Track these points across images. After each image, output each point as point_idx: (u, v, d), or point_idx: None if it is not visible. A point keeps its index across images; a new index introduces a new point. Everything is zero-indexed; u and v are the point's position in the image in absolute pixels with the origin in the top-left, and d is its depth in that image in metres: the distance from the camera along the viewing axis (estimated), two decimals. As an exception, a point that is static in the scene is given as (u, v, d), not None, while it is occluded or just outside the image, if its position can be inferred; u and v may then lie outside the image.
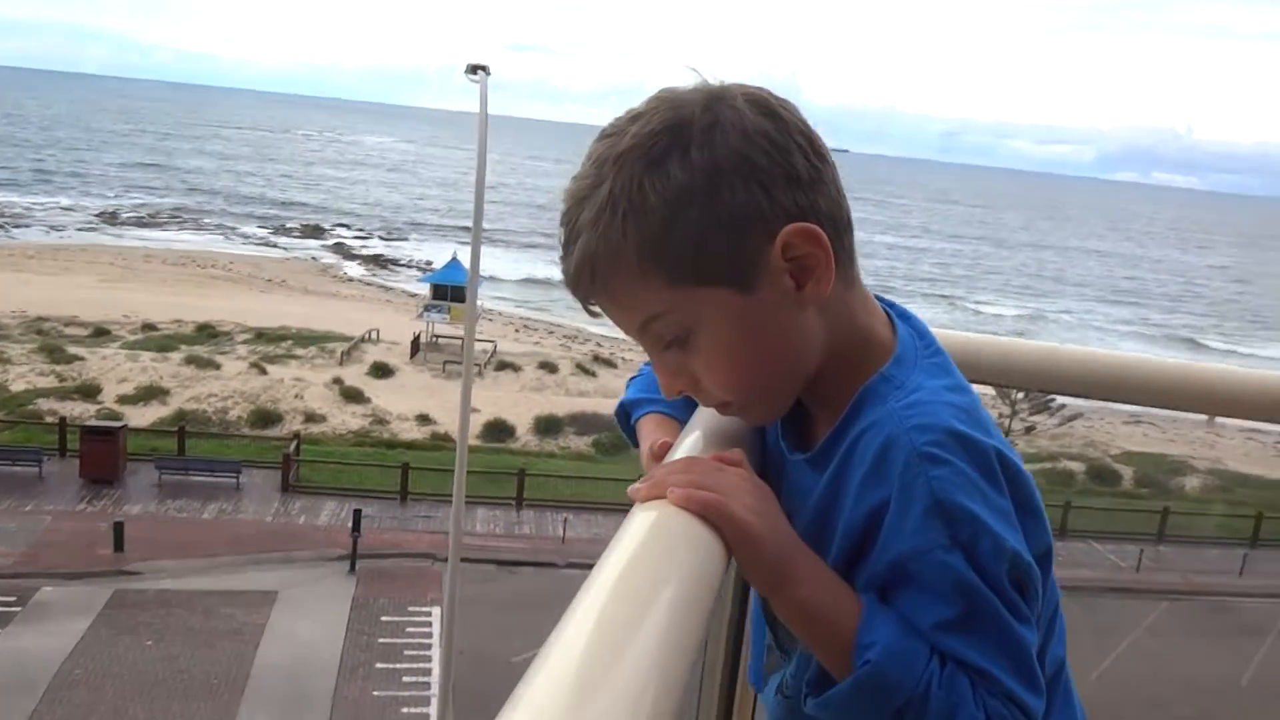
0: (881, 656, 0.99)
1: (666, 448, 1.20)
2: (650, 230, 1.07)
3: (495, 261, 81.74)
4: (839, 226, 1.14)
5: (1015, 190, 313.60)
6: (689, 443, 1.19)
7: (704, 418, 1.26)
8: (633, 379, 1.52)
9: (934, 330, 1.25)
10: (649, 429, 1.38)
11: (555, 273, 1.21)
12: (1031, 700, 1.01)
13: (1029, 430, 39.69)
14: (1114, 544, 32.48)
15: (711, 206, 1.07)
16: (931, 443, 1.04)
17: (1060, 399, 40.49)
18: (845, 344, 1.17)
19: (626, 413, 1.47)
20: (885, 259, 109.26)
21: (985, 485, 1.04)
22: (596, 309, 1.15)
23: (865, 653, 1.00)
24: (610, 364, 49.88)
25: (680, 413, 1.36)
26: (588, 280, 1.12)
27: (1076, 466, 40.57)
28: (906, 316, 1.23)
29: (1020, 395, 40.32)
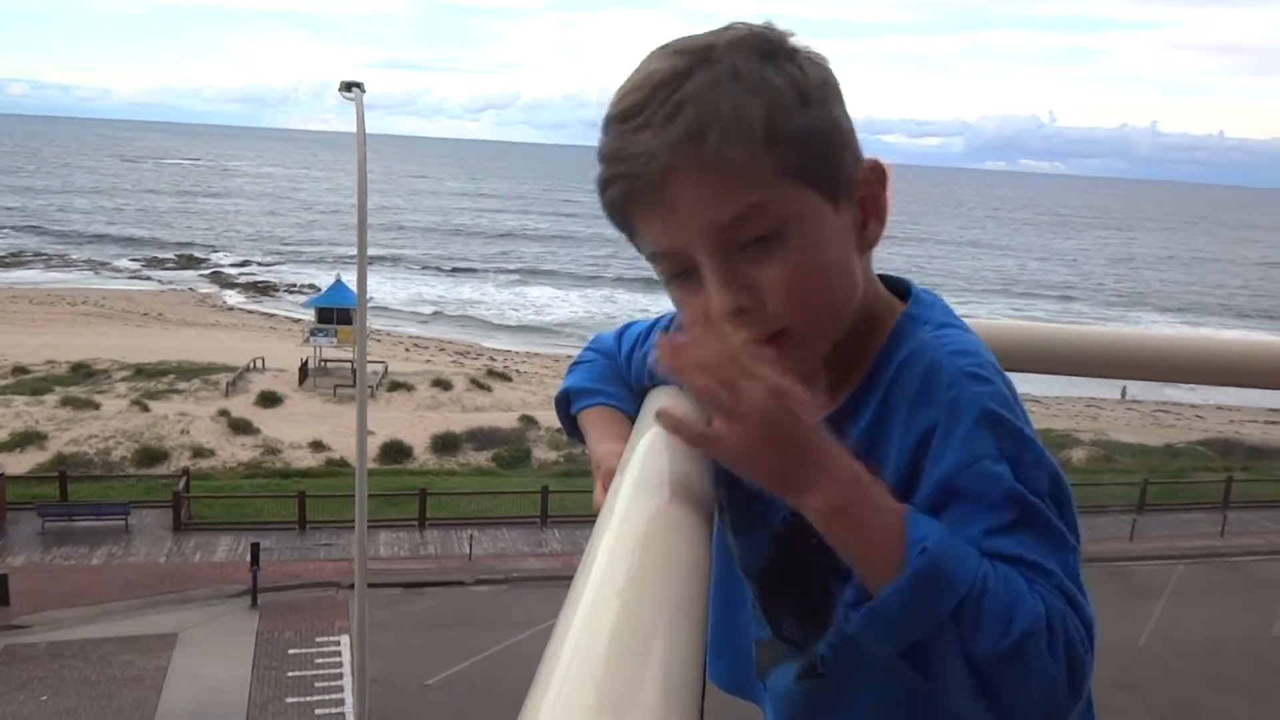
0: (937, 547, 0.94)
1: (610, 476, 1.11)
2: (776, 108, 1.05)
3: (387, 283, 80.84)
4: None
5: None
6: (644, 443, 1.13)
7: (657, 413, 1.09)
8: (574, 365, 1.45)
9: None
10: (598, 426, 1.33)
11: (445, 292, 1.12)
12: (1089, 608, 0.99)
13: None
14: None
15: (824, 110, 1.08)
16: (974, 364, 1.07)
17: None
18: (868, 299, 1.17)
19: (568, 400, 1.40)
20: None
21: (1020, 408, 1.07)
22: (671, 193, 1.05)
23: (920, 543, 0.94)
24: (505, 377, 49.57)
25: (627, 406, 1.34)
26: (693, 147, 1.03)
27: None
28: (910, 285, 1.24)
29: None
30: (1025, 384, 1.24)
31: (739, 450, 0.97)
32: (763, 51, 1.07)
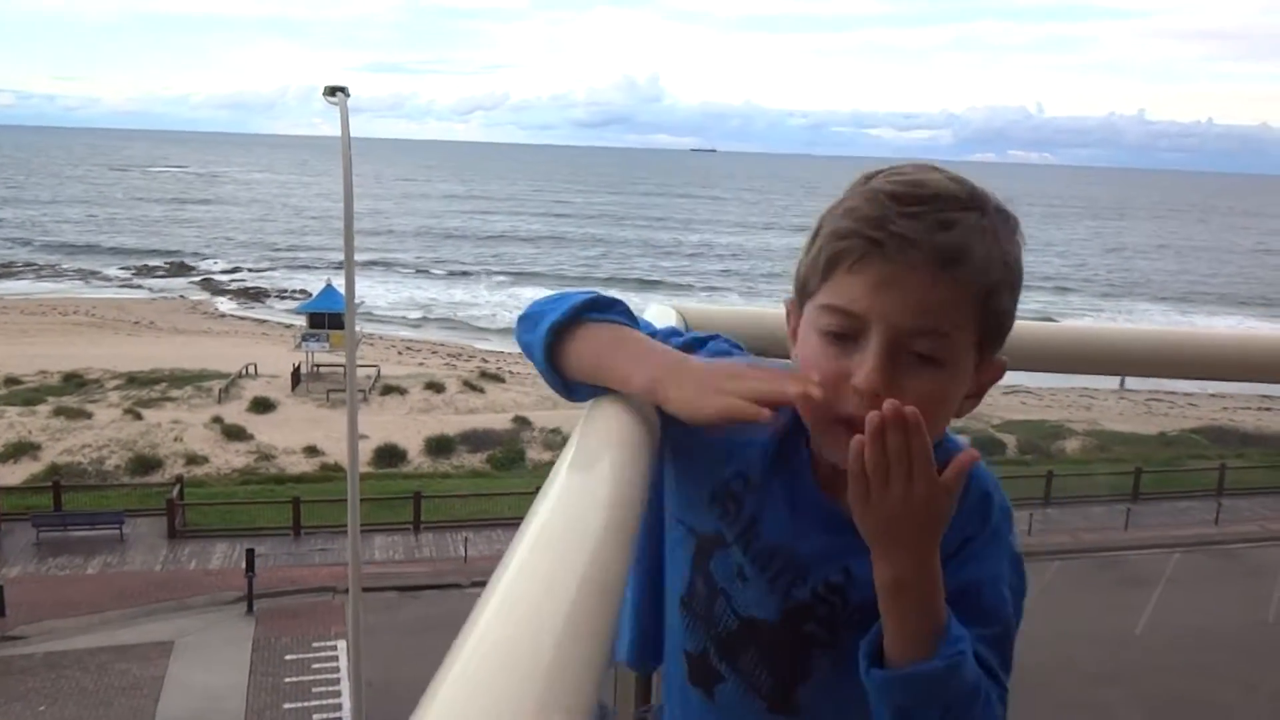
0: (968, 651, 1.16)
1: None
2: (1003, 281, 1.21)
3: (379, 286, 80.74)
4: None
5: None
6: (597, 425, 1.19)
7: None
8: (538, 312, 1.35)
9: None
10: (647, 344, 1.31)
11: (437, 295, 1.14)
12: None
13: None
14: (1003, 511, 33.34)
15: (1015, 299, 1.25)
16: (1006, 504, 1.32)
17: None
18: None
19: (537, 321, 1.32)
20: (772, 258, 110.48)
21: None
22: (897, 276, 1.16)
23: (958, 644, 1.15)
24: (498, 379, 49.52)
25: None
26: (943, 261, 1.16)
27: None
28: None
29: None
30: (1017, 376, 1.46)
31: (888, 509, 1.12)
32: (1012, 228, 1.24)
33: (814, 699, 1.34)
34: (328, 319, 46.05)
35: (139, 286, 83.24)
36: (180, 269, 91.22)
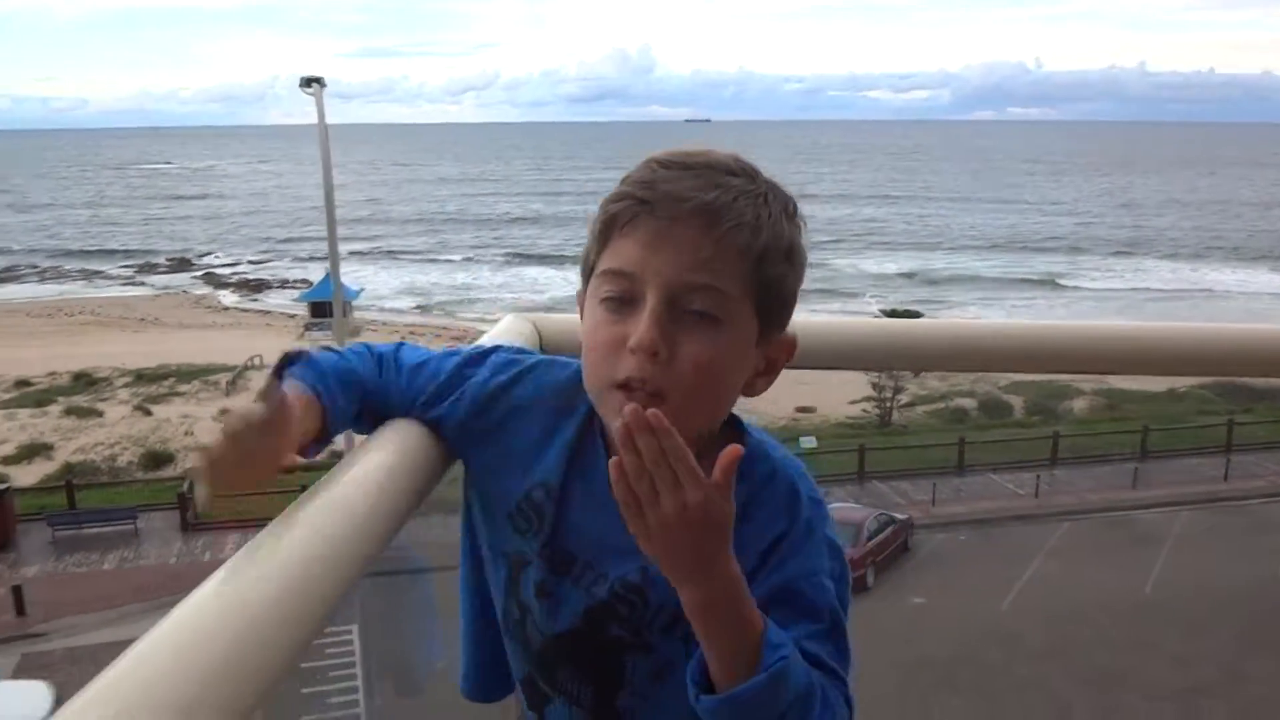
0: (790, 655, 1.13)
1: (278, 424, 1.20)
2: (775, 247, 1.23)
3: (381, 273, 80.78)
4: None
5: (883, 140, 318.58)
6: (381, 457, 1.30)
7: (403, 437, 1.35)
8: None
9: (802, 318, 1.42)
10: (292, 397, 1.26)
11: (440, 279, 1.26)
12: (852, 703, 1.24)
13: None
14: (1010, 473, 33.45)
15: (797, 277, 1.28)
16: (815, 493, 1.32)
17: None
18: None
19: (287, 363, 1.36)
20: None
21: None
22: (667, 233, 1.20)
23: (779, 651, 1.13)
24: (502, 361, 49.52)
25: (336, 406, 1.35)
26: (713, 217, 1.19)
27: (968, 403, 41.67)
28: None
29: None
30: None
31: (665, 527, 1.08)
32: (787, 206, 1.27)
33: (635, 707, 1.34)
34: (329, 307, 46.09)
35: (142, 284, 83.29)
36: (182, 264, 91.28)
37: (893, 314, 44.26)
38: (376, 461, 1.26)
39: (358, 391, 1.38)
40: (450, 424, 1.38)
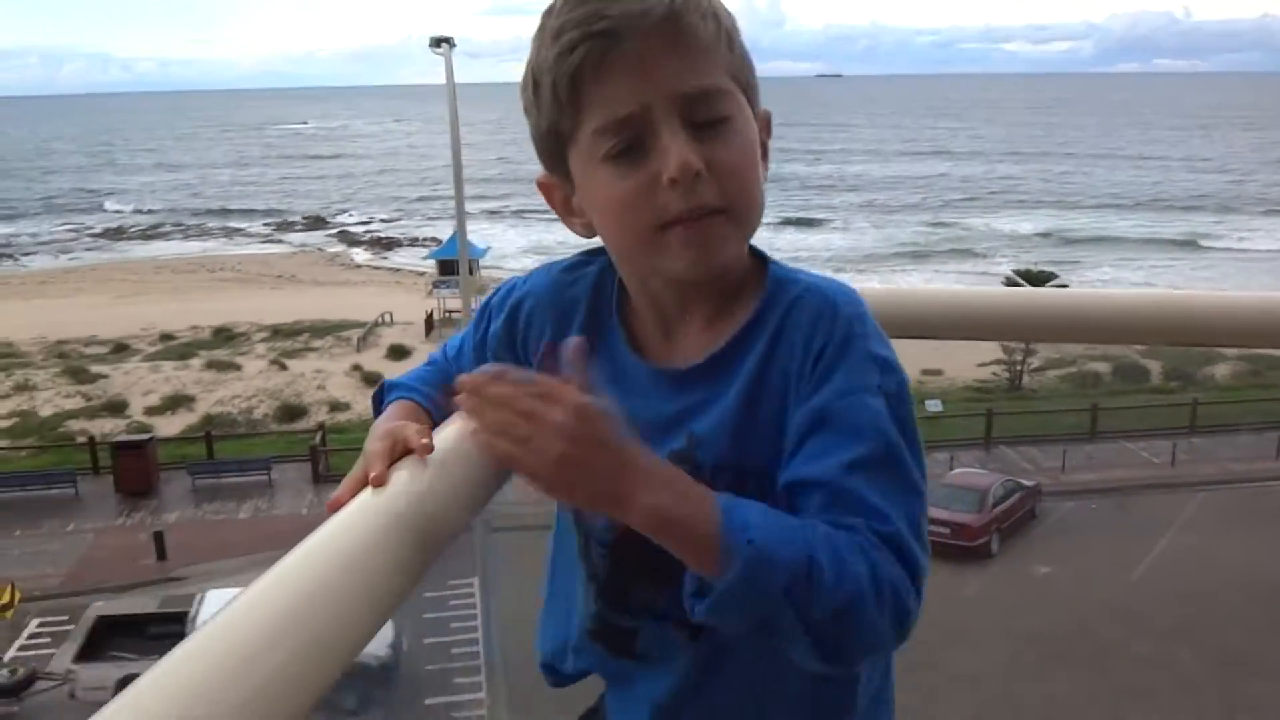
0: (762, 537, 1.00)
1: (391, 451, 1.15)
2: (729, 23, 1.18)
3: (510, 231, 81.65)
4: None
5: (1021, 94, 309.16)
6: (450, 431, 1.21)
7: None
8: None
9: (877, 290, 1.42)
10: (391, 414, 1.31)
11: (567, 237, 1.26)
12: (920, 556, 1.07)
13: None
14: (1145, 441, 32.38)
15: (743, 44, 1.21)
16: (859, 307, 1.18)
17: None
18: None
19: (382, 395, 1.40)
20: (899, 186, 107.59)
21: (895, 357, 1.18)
22: (647, 55, 1.11)
23: (745, 533, 1.00)
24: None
25: (437, 409, 1.33)
26: (674, 18, 1.12)
27: (1102, 367, 40.38)
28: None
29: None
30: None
31: (547, 470, 1.00)
32: None
33: None
34: (457, 265, 46.81)
35: (279, 241, 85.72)
36: (317, 223, 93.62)
37: (1025, 275, 43.05)
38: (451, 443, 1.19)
39: (446, 387, 1.33)
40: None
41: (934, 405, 32.58)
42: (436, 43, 18.53)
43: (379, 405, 1.37)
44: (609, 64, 1.11)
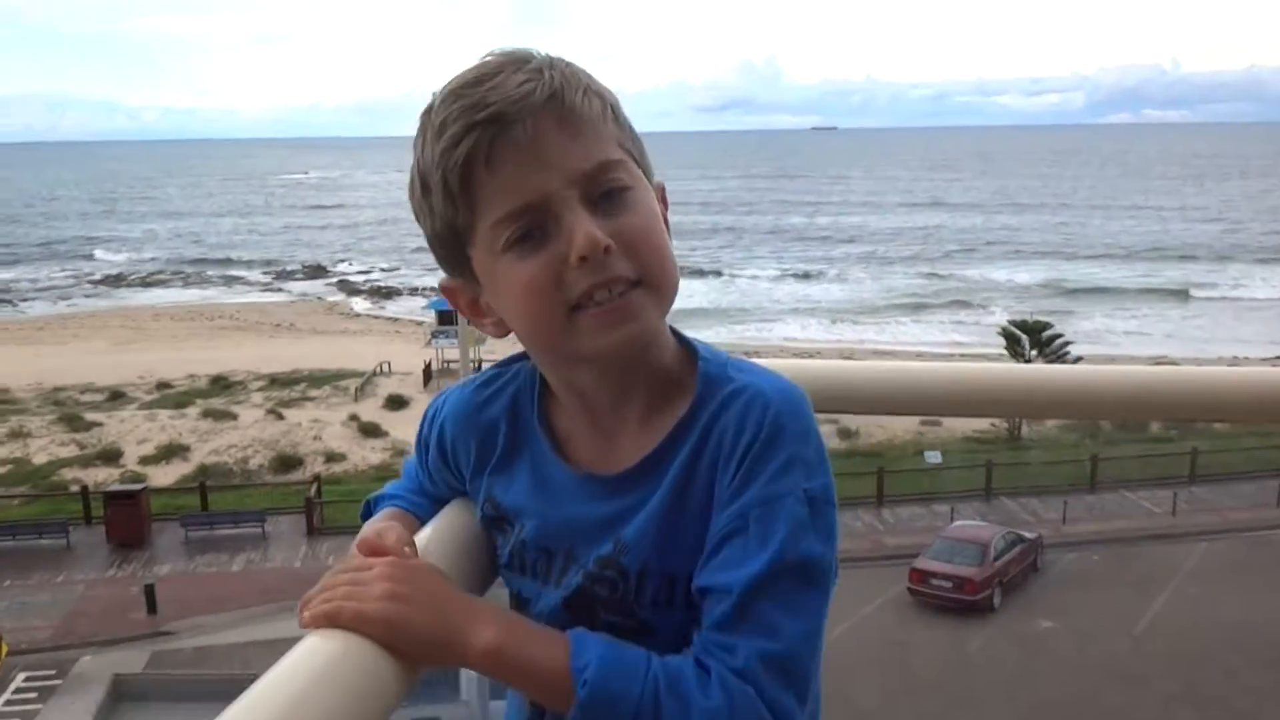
0: (597, 673, 1.00)
1: (372, 546, 1.12)
2: (603, 90, 1.15)
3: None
4: None
5: (1014, 146, 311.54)
6: (423, 536, 1.22)
7: (442, 519, 1.28)
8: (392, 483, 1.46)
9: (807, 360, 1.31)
10: (373, 521, 1.30)
11: None
12: (789, 685, 1.02)
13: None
14: (1146, 490, 32.22)
15: (627, 117, 1.18)
16: (792, 404, 1.12)
17: (1073, 352, 40.26)
18: (665, 342, 1.20)
19: (370, 510, 1.39)
20: (897, 238, 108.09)
21: (822, 443, 1.12)
22: (539, 140, 1.08)
23: (582, 674, 1.00)
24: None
25: (421, 510, 1.34)
26: (558, 100, 1.09)
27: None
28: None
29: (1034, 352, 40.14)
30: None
31: (374, 614, 0.99)
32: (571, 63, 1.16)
33: None
34: (456, 315, 46.84)
35: (279, 290, 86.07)
36: (317, 271, 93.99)
37: (1021, 325, 43.08)
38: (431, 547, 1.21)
39: (426, 492, 1.39)
40: (472, 493, 1.33)
41: (933, 457, 32.41)
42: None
43: (365, 517, 1.36)
44: (498, 152, 1.07)
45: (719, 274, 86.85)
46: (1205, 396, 1.87)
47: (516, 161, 1.07)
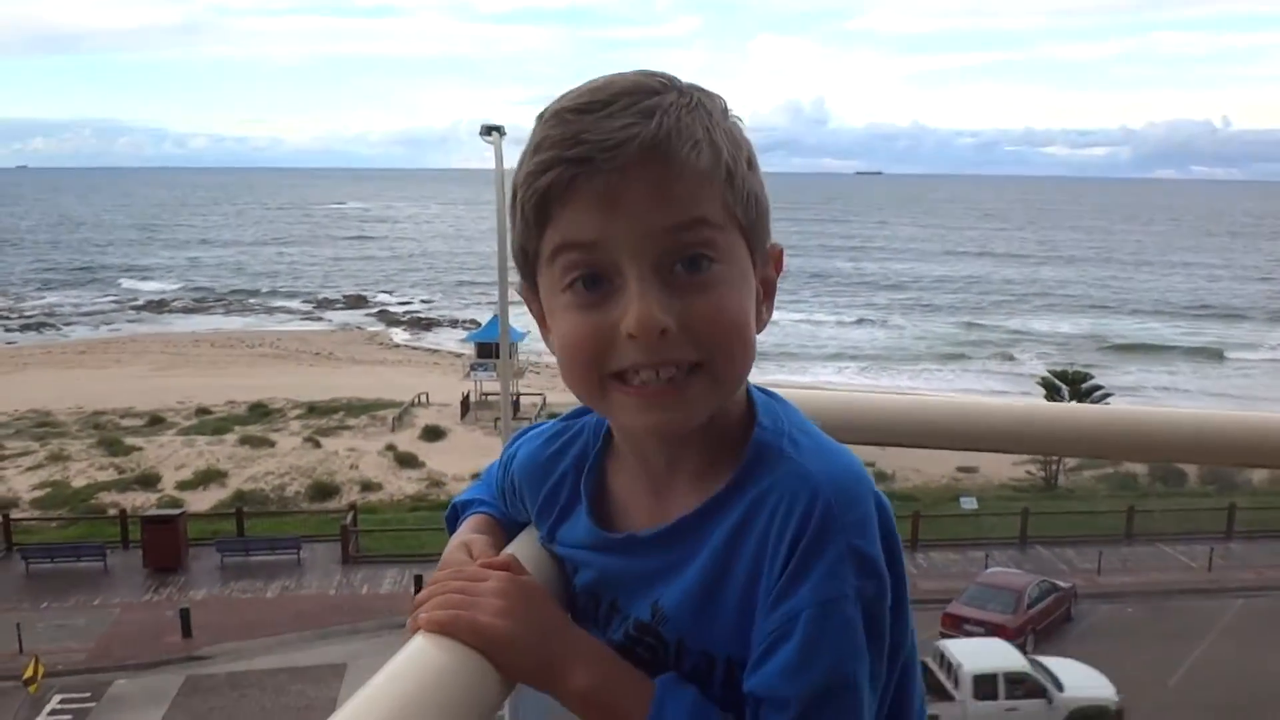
0: None
1: (487, 558, 1.17)
2: (733, 152, 1.07)
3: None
4: None
5: (1060, 197, 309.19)
6: (516, 544, 1.26)
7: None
8: (474, 483, 1.48)
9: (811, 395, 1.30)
10: (465, 528, 1.35)
11: None
12: None
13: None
14: (1183, 544, 31.82)
15: (760, 179, 1.10)
16: (848, 490, 1.04)
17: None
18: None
19: (457, 514, 1.42)
20: (940, 285, 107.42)
21: (880, 526, 1.06)
22: (623, 188, 1.02)
23: None
24: (659, 407, 49.65)
25: (502, 515, 1.37)
26: (663, 150, 1.02)
27: (1139, 469, 39.87)
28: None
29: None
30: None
31: (488, 627, 1.03)
32: (721, 106, 1.10)
33: None
34: (495, 348, 47.07)
35: (320, 319, 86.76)
36: (358, 301, 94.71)
37: (1061, 375, 42.86)
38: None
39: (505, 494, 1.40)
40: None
41: (969, 503, 32.21)
42: (487, 130, 18.94)
43: (455, 524, 1.40)
44: (577, 189, 1.02)
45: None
46: (1250, 441, 1.86)
47: (592, 203, 1.02)
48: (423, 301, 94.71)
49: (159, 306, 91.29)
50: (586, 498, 1.23)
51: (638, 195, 1.01)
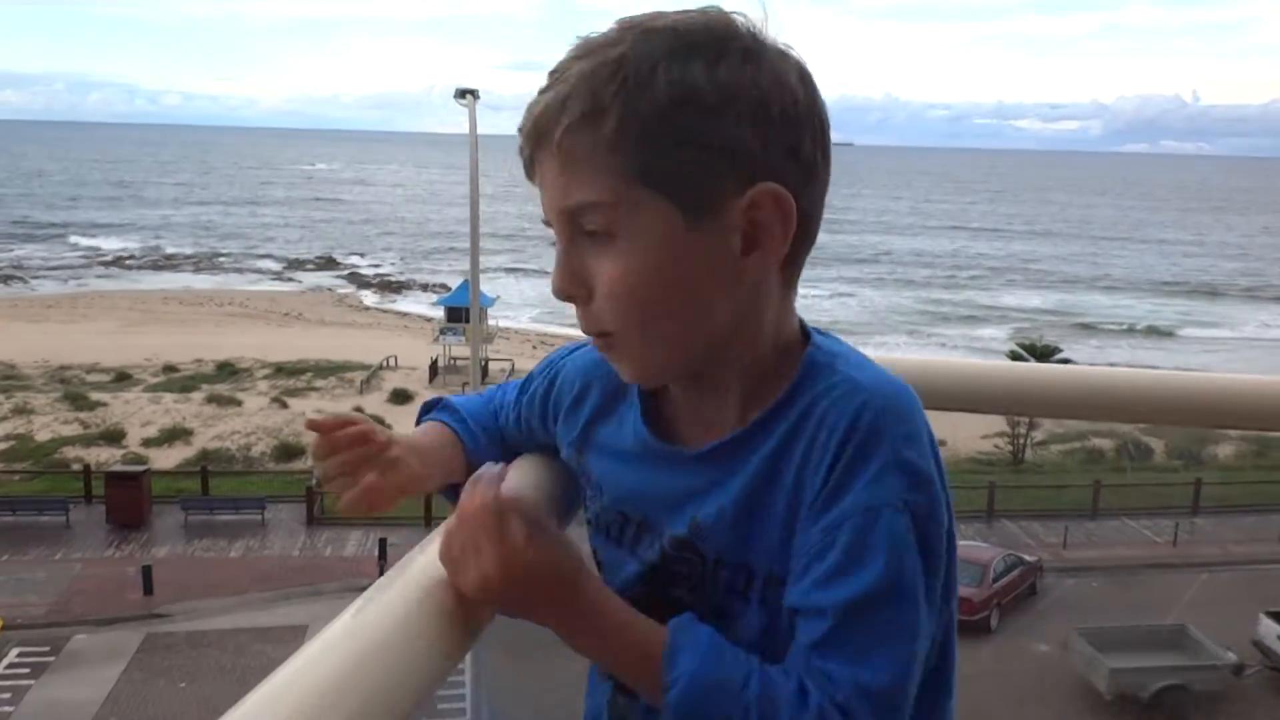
0: (688, 687, 0.97)
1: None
2: (639, 111, 0.99)
3: (520, 283, 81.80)
4: (808, 228, 1.08)
5: (1030, 172, 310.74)
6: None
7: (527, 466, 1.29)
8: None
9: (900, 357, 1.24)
10: (418, 433, 1.34)
11: None
12: (895, 713, 0.96)
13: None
14: (1148, 519, 32.09)
15: (707, 123, 1.00)
16: (899, 403, 1.02)
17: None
18: (760, 335, 1.10)
19: (429, 409, 1.38)
20: (908, 259, 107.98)
21: (933, 451, 1.03)
22: (535, 168, 1.07)
23: (673, 686, 0.97)
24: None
25: (470, 439, 1.32)
26: (548, 129, 1.02)
27: (1106, 443, 40.14)
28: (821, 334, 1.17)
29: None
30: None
31: (490, 588, 0.99)
32: (675, 47, 1.01)
33: None
34: (465, 313, 46.83)
35: (290, 280, 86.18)
36: (328, 263, 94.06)
37: (1029, 348, 43.03)
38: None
39: (495, 429, 1.36)
40: (560, 440, 1.30)
41: (936, 475, 32.36)
42: (461, 94, 18.79)
43: (422, 416, 1.37)
44: (526, 168, 1.09)
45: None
46: (1220, 402, 1.87)
47: (537, 177, 1.08)
48: (393, 265, 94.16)
49: (128, 263, 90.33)
50: (640, 401, 1.19)
51: (542, 174, 1.06)
